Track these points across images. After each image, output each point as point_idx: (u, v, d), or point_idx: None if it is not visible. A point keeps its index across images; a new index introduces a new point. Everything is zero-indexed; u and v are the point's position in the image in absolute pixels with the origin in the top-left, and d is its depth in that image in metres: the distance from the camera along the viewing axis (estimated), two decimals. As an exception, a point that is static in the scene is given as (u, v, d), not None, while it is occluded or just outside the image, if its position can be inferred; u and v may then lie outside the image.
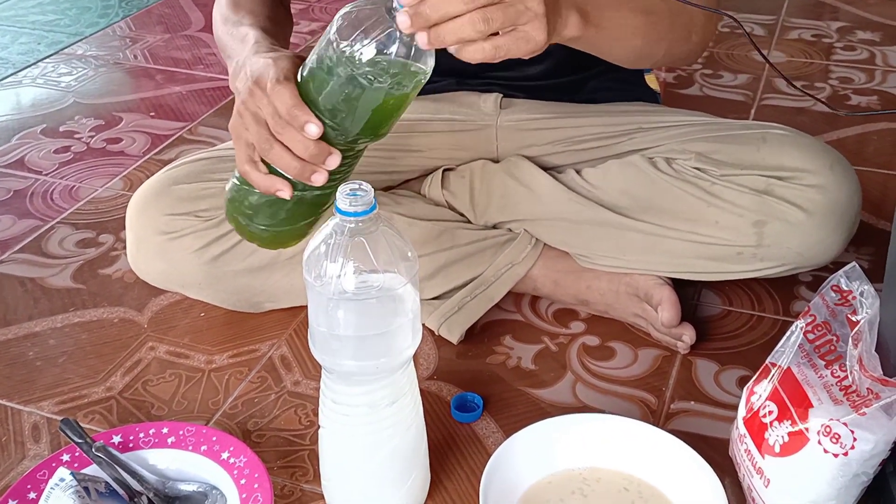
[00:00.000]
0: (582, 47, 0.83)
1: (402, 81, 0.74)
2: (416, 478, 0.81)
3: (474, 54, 0.71)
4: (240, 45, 0.88)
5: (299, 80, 0.77)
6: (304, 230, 0.86)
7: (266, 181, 0.79)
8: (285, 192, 0.79)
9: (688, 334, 0.99)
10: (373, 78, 0.73)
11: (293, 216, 0.84)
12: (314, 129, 0.74)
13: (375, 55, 0.72)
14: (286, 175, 0.79)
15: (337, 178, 0.81)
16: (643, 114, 1.05)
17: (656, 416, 0.94)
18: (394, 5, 0.71)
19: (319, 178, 0.78)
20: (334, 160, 0.77)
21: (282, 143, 0.77)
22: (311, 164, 0.77)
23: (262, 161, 0.79)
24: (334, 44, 0.73)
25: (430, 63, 0.74)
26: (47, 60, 1.82)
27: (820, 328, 0.77)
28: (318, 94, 0.75)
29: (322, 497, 0.83)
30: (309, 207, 0.84)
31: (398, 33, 0.71)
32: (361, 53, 0.72)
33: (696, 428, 0.92)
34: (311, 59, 0.77)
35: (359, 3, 0.75)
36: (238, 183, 0.83)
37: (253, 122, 0.78)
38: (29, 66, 1.79)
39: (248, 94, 0.78)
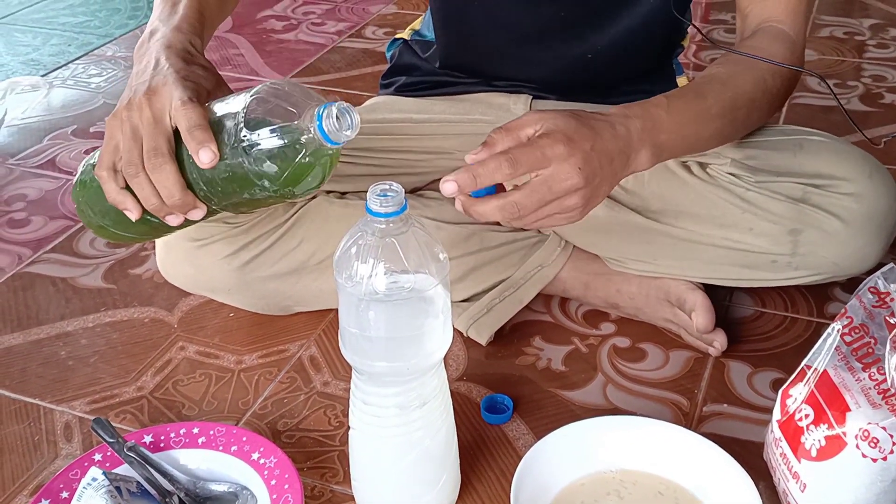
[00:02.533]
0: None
1: (291, 191, 0.72)
2: (446, 480, 0.80)
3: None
4: (167, 13, 0.83)
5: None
6: (147, 241, 0.83)
7: (118, 195, 0.76)
8: (132, 214, 0.77)
9: (719, 340, 0.98)
10: (262, 179, 0.71)
11: (137, 230, 0.81)
12: (209, 156, 0.71)
13: (274, 159, 0.70)
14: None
15: (197, 220, 0.79)
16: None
17: (688, 419, 0.93)
18: (316, 118, 0.69)
19: (174, 221, 0.77)
20: (197, 214, 0.76)
21: (148, 176, 0.74)
22: (169, 207, 0.75)
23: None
24: (238, 126, 0.70)
25: (324, 181, 0.73)
26: (77, 62, 1.83)
27: (857, 330, 0.76)
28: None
29: (352, 498, 0.83)
30: (155, 230, 0.81)
31: (305, 147, 0.69)
32: (262, 150, 0.70)
33: (729, 431, 0.91)
34: (213, 115, 0.73)
35: (281, 90, 0.72)
36: (93, 174, 0.79)
37: (130, 136, 0.74)
38: (59, 67, 1.81)
39: (138, 106, 0.74)
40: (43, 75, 1.77)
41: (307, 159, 0.70)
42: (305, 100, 0.72)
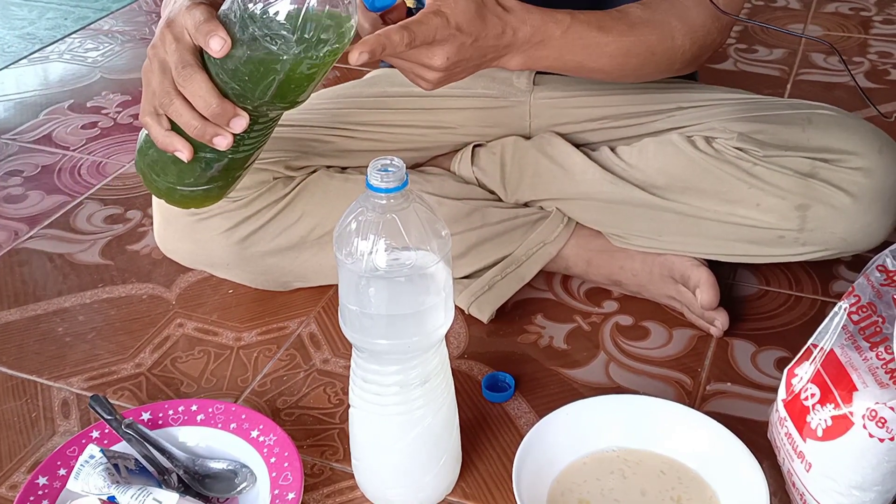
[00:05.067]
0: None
1: (312, 50, 0.68)
2: (447, 458, 0.80)
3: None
4: None
5: None
6: (217, 194, 0.80)
7: (165, 138, 0.74)
8: (183, 154, 0.73)
9: (720, 320, 0.97)
10: (278, 42, 0.67)
11: (200, 179, 0.77)
12: (220, 41, 0.68)
13: (284, 17, 0.66)
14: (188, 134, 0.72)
15: (250, 144, 0.75)
16: (682, 91, 1.03)
17: (692, 398, 0.92)
18: None
19: (222, 143, 0.72)
20: (240, 123, 0.71)
21: (183, 98, 0.71)
22: (213, 125, 0.71)
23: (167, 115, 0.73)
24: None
25: (348, 32, 0.69)
26: (74, 36, 1.81)
27: (865, 309, 0.75)
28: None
29: (352, 476, 0.83)
30: (220, 172, 0.77)
31: None
32: (268, 12, 0.66)
33: (732, 410, 0.90)
34: (221, 10, 0.70)
35: None
36: (146, 133, 0.77)
37: (158, 69, 0.72)
38: (56, 41, 1.79)
39: (160, 39, 0.73)
40: (39, 49, 1.75)
41: (315, 11, 0.67)
42: None
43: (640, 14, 0.87)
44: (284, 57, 0.68)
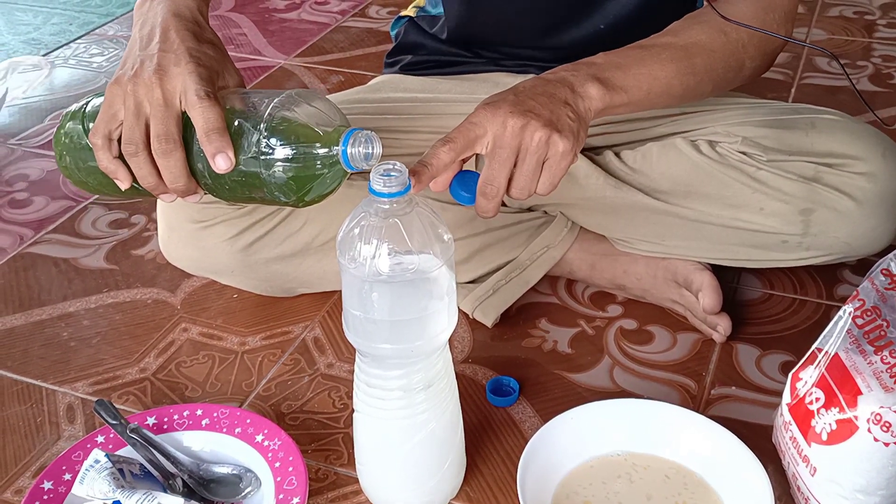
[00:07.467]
0: (622, 112, 0.83)
1: (299, 199, 0.72)
2: (451, 463, 0.80)
3: (521, 195, 0.77)
4: None
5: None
6: (130, 199, 0.81)
7: (110, 164, 0.74)
8: (122, 184, 0.75)
9: (723, 325, 0.97)
10: (277, 193, 0.71)
11: (121, 193, 0.79)
12: (226, 163, 0.70)
13: (290, 175, 0.70)
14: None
15: None
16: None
17: (696, 402, 0.92)
18: (342, 143, 0.69)
19: (168, 199, 0.75)
20: (194, 199, 0.75)
21: (149, 153, 0.71)
22: (167, 187, 0.73)
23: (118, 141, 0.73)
24: (260, 137, 0.70)
25: (339, 186, 0.73)
26: (79, 41, 1.82)
27: (869, 313, 0.75)
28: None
29: (357, 481, 0.83)
30: (140, 194, 0.79)
31: (324, 167, 0.70)
32: (279, 168, 0.69)
33: (737, 414, 0.90)
34: (233, 113, 0.72)
35: (306, 103, 0.71)
36: (83, 132, 0.77)
37: (133, 112, 0.71)
38: (61, 46, 1.80)
39: (145, 84, 0.71)
40: (44, 55, 1.75)
41: (323, 178, 0.71)
42: (330, 118, 0.71)
43: (677, 24, 0.87)
44: (271, 195, 0.72)
